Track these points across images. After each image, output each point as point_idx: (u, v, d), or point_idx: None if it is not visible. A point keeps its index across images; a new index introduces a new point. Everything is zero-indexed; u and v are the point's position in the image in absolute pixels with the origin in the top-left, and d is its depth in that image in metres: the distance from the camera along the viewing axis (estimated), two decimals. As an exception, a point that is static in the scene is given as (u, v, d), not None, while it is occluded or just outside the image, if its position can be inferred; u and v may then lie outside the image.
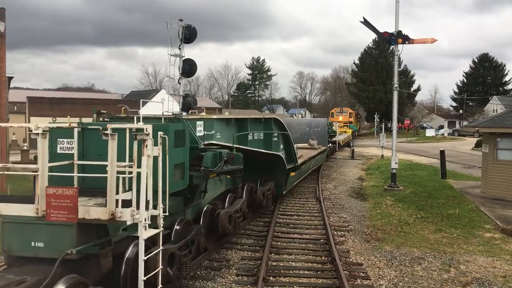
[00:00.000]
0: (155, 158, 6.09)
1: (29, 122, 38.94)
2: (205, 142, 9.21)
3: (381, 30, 19.59)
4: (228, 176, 10.88)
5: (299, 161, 16.48)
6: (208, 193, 9.80)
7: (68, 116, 7.22)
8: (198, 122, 9.07)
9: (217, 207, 10.09)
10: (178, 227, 8.03)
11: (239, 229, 11.04)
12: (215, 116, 10.04)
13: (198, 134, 8.77)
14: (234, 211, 10.36)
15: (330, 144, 33.68)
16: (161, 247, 6.37)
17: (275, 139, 13.85)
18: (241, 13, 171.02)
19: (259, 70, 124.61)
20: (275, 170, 14.51)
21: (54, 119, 7.23)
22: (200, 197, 9.45)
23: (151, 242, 6.59)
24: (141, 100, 7.81)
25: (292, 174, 15.82)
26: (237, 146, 10.71)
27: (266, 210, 13.99)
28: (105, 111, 8.02)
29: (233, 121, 11.17)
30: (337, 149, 38.38)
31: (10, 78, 28.42)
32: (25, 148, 30.14)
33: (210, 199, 10.12)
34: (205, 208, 9.58)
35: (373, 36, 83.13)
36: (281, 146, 14.55)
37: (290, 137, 15.15)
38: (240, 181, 12.02)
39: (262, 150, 12.66)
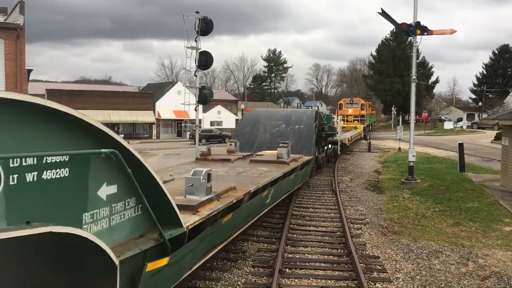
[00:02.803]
0: None
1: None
2: None
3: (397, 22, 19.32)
4: None
5: (200, 215, 6.25)
6: None
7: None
8: None
9: None
10: None
11: None
12: None
13: None
14: None
15: (330, 146, 25.36)
16: None
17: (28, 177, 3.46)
18: (256, 5, 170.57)
19: (275, 62, 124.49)
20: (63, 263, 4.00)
21: None
22: None
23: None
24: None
25: (161, 262, 5.09)
26: None
27: None
28: None
29: None
30: (338, 152, 27.36)
31: (29, 71, 28.83)
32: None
33: None
34: None
35: (390, 28, 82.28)
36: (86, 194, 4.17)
37: (135, 154, 4.56)
38: None
39: None
